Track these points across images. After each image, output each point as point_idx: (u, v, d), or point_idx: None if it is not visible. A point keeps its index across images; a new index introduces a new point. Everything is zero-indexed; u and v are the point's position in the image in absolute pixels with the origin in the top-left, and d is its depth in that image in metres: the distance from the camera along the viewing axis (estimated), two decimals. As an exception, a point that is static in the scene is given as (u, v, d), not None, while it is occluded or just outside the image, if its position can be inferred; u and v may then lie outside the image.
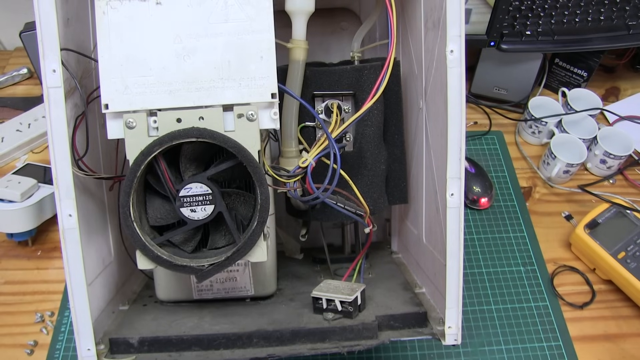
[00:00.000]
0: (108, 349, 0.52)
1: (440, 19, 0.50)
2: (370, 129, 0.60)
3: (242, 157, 0.45)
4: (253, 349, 0.52)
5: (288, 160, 0.57)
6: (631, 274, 0.71)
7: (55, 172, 0.48)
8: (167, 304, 0.62)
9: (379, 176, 0.62)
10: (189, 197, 0.46)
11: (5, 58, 1.06)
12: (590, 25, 0.90)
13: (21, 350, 0.68)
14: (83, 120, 0.51)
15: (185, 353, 0.52)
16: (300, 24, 0.55)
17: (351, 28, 0.75)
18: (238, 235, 0.47)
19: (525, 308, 0.73)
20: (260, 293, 0.62)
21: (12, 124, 0.91)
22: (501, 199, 0.86)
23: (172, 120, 0.45)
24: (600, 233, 0.75)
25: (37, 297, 0.73)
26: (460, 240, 0.51)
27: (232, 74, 0.46)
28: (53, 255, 0.78)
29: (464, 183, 0.50)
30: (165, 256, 0.46)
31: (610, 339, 0.71)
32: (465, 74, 0.49)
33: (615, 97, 1.01)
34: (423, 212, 0.62)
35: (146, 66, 0.46)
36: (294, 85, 0.56)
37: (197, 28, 0.46)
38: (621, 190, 0.87)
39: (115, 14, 0.46)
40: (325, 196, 0.55)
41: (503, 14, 0.82)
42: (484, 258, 0.79)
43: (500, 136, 0.95)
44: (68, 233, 0.48)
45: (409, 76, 0.65)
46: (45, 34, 0.46)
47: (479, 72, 0.97)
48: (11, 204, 0.73)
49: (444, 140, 0.50)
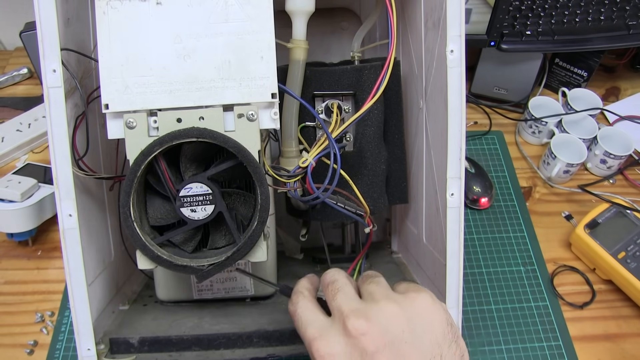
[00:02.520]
0: (108, 349, 0.52)
1: (441, 19, 0.50)
2: (371, 129, 0.60)
3: (242, 157, 0.45)
4: (253, 348, 0.52)
5: (288, 160, 0.57)
6: (631, 274, 0.71)
7: (56, 172, 0.48)
8: (167, 304, 0.62)
9: (379, 176, 0.62)
10: (189, 197, 0.46)
11: (5, 58, 1.06)
12: (590, 25, 0.90)
13: (21, 350, 0.68)
14: (83, 120, 0.51)
15: (186, 353, 0.52)
16: (301, 24, 0.55)
17: (351, 28, 0.75)
18: (238, 235, 0.47)
19: (525, 308, 0.73)
20: (260, 293, 0.62)
21: (12, 124, 0.91)
22: (501, 199, 0.86)
23: (172, 120, 0.45)
24: (600, 233, 0.75)
25: (37, 297, 0.73)
26: (460, 240, 0.51)
27: (233, 74, 0.46)
28: (53, 255, 0.78)
29: (464, 183, 0.51)
30: (166, 256, 0.46)
31: (610, 338, 0.71)
32: (465, 74, 0.49)
33: (615, 97, 1.01)
34: (423, 212, 0.62)
35: (146, 66, 0.46)
36: (294, 85, 0.56)
37: (197, 28, 0.46)
38: (621, 190, 0.87)
39: (116, 14, 0.46)
40: (326, 196, 0.55)
41: (503, 14, 0.82)
42: (484, 258, 0.79)
43: (500, 136, 0.95)
44: (68, 233, 0.48)
45: (409, 76, 0.65)
46: (45, 34, 0.46)
47: (479, 72, 0.97)
48: (11, 204, 0.73)
49: (444, 140, 0.50)
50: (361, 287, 0.42)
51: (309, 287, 0.45)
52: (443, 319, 0.39)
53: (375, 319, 0.38)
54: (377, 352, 0.36)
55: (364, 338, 0.37)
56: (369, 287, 0.41)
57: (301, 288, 0.45)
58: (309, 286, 0.45)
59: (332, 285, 0.42)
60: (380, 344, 0.37)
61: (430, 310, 0.39)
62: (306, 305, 0.42)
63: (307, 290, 0.44)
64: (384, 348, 0.37)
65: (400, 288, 0.42)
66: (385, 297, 0.40)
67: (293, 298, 0.44)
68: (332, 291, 0.41)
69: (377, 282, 0.42)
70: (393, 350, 0.37)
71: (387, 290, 0.41)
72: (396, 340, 0.37)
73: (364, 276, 0.43)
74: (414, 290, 0.41)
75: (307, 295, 0.44)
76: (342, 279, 0.43)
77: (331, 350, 0.38)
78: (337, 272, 0.44)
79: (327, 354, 0.38)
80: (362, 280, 0.43)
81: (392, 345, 0.37)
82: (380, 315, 0.38)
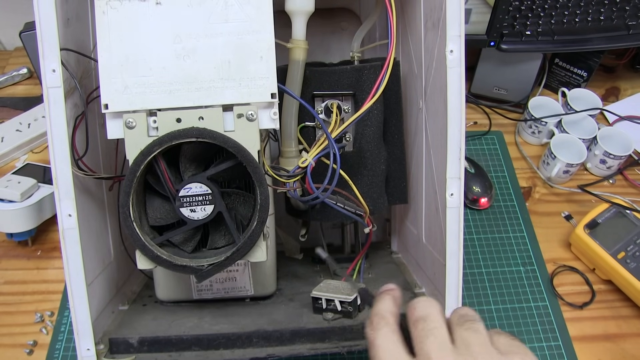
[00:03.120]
0: (108, 349, 0.52)
1: (440, 19, 0.50)
2: (370, 129, 0.60)
3: (242, 157, 0.45)
4: (253, 349, 0.52)
5: (288, 160, 0.57)
6: (631, 274, 0.71)
7: (55, 172, 0.48)
8: (167, 304, 0.62)
9: (379, 176, 0.62)
10: (189, 197, 0.46)
11: (5, 58, 1.06)
12: (590, 25, 0.90)
13: (21, 350, 0.68)
14: (83, 120, 0.51)
15: (185, 353, 0.52)
16: (300, 24, 0.55)
17: (351, 28, 0.75)
18: (238, 235, 0.47)
19: (525, 308, 0.73)
20: (260, 293, 0.62)
21: (12, 124, 0.91)
22: (501, 199, 0.86)
23: (172, 120, 0.45)
24: (600, 233, 0.75)
25: (37, 297, 0.73)
26: (460, 240, 0.51)
27: (232, 74, 0.46)
28: (53, 255, 0.78)
29: (463, 183, 0.51)
30: (165, 256, 0.46)
31: (610, 339, 0.71)
32: (465, 74, 0.49)
33: (615, 97, 1.01)
34: (423, 212, 0.62)
35: (146, 66, 0.46)
36: (293, 85, 0.56)
37: (197, 28, 0.46)
38: (621, 190, 0.87)
39: (115, 14, 0.46)
40: (325, 196, 0.55)
41: (503, 14, 0.82)
42: (483, 258, 0.79)
43: (500, 136, 0.95)
44: (68, 233, 0.48)
45: (408, 76, 0.65)
46: (45, 34, 0.46)
47: (478, 72, 0.97)
48: (11, 204, 0.73)
49: (444, 140, 0.50)
50: (455, 329, 0.37)
51: (393, 312, 0.39)
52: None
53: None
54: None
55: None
56: (466, 335, 0.36)
57: (385, 312, 0.39)
58: (394, 310, 0.39)
59: (423, 324, 0.36)
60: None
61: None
62: (389, 338, 0.37)
63: (392, 316, 0.38)
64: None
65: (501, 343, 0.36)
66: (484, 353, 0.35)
67: (374, 321, 0.38)
68: (422, 331, 0.36)
69: (476, 329, 0.36)
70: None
71: (486, 343, 0.36)
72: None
73: (459, 316, 0.38)
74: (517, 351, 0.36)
75: (391, 323, 0.38)
76: (435, 318, 0.37)
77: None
78: (430, 305, 0.38)
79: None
80: (457, 320, 0.37)
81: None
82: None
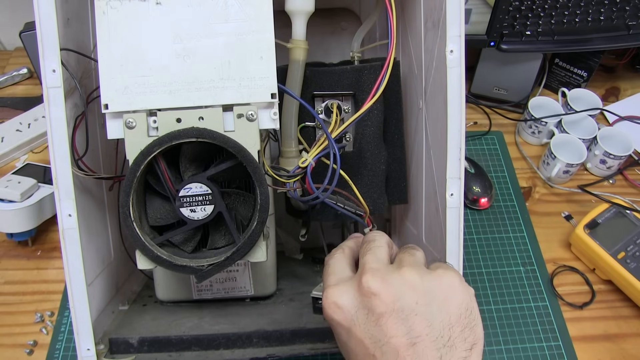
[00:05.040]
0: (108, 349, 0.52)
1: (440, 19, 0.50)
2: (370, 129, 0.60)
3: (242, 157, 0.45)
4: (253, 349, 0.52)
5: (288, 160, 0.57)
6: (631, 274, 0.71)
7: (55, 172, 0.48)
8: (167, 304, 0.62)
9: (379, 176, 0.62)
10: (189, 197, 0.46)
11: (5, 58, 1.06)
12: (590, 25, 0.90)
13: (21, 350, 0.68)
14: (83, 120, 0.51)
15: (185, 353, 0.52)
16: (300, 24, 0.55)
17: (351, 28, 0.75)
18: (238, 235, 0.47)
19: (525, 308, 0.73)
20: (260, 293, 0.62)
21: (12, 124, 0.91)
22: (501, 199, 0.86)
23: (172, 120, 0.45)
24: (600, 233, 0.75)
25: (37, 297, 0.73)
26: (460, 240, 0.51)
27: (232, 74, 0.46)
28: (53, 255, 0.78)
29: (463, 183, 0.50)
30: (165, 256, 0.46)
31: (610, 339, 0.71)
32: (465, 74, 0.49)
33: (615, 97, 1.01)
34: (423, 212, 0.62)
35: (146, 66, 0.46)
36: (293, 85, 0.56)
37: (197, 28, 0.46)
38: (621, 190, 0.87)
39: (115, 14, 0.46)
40: (325, 196, 0.55)
41: (503, 14, 0.82)
42: (483, 258, 0.79)
43: (500, 136, 0.95)
44: (68, 233, 0.48)
45: (408, 76, 0.65)
46: (45, 34, 0.46)
47: (479, 72, 0.97)
48: (11, 204, 0.73)
49: (444, 140, 0.50)
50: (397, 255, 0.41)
51: (352, 247, 0.44)
52: (463, 303, 0.37)
53: (392, 282, 0.37)
54: (384, 315, 0.36)
55: (374, 298, 0.36)
56: (402, 255, 0.40)
57: (345, 245, 0.45)
58: (353, 247, 0.45)
59: (367, 244, 0.41)
60: (389, 308, 0.36)
61: (453, 291, 0.38)
62: (339, 259, 0.43)
63: (348, 249, 0.44)
64: (391, 313, 0.36)
65: (433, 265, 0.40)
66: (410, 265, 0.38)
67: (333, 250, 0.44)
68: (365, 249, 0.41)
69: (412, 253, 0.41)
70: (400, 318, 0.36)
71: (416, 261, 0.40)
72: (406, 309, 0.36)
73: (404, 247, 0.42)
74: (444, 267, 0.39)
75: (346, 252, 0.43)
76: (380, 241, 0.42)
77: (339, 300, 0.38)
78: (379, 234, 0.43)
79: (334, 303, 0.38)
80: (401, 249, 0.42)
81: (401, 312, 0.36)
82: (398, 281, 0.37)
